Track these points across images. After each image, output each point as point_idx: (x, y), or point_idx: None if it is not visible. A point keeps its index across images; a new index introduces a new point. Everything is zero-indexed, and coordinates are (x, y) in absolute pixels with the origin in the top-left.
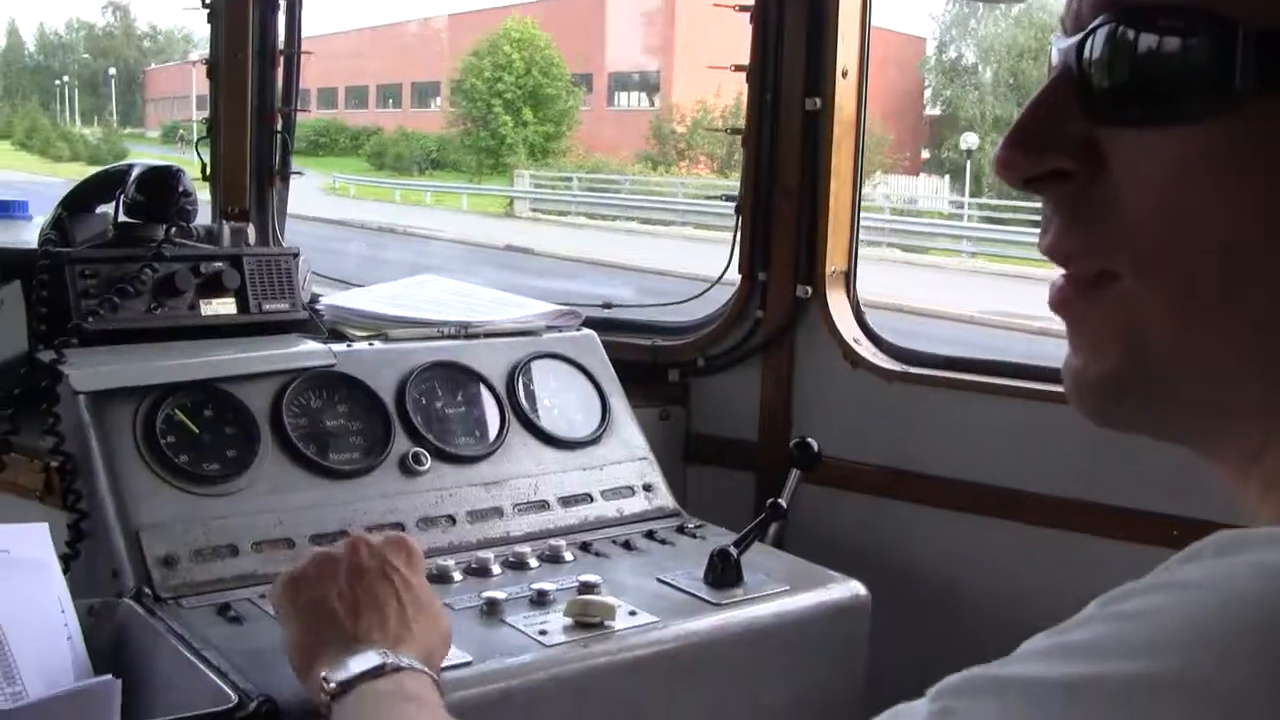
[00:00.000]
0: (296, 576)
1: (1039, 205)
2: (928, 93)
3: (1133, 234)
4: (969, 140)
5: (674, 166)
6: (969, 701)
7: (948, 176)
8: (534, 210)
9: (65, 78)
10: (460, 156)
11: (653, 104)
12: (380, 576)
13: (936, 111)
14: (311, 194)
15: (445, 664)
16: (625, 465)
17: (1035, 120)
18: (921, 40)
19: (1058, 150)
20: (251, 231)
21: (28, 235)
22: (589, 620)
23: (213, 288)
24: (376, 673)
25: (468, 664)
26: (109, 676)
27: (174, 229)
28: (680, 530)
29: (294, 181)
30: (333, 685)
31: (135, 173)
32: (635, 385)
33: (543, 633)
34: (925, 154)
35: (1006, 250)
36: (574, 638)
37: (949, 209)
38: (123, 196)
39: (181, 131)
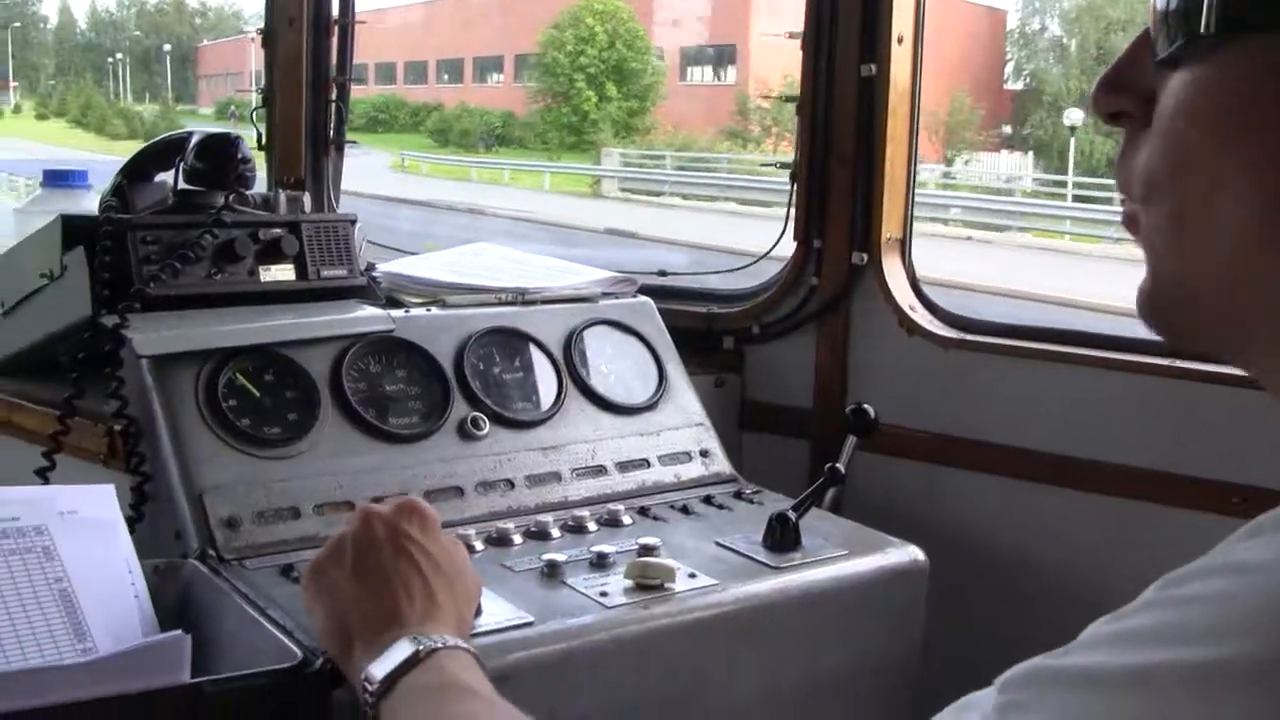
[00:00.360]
0: (315, 567)
1: None
2: (1009, 67)
3: (1142, 171)
4: (1073, 117)
5: (759, 143)
6: (1036, 693)
7: (1031, 153)
8: (624, 190)
9: (118, 55)
10: (526, 133)
11: (719, 78)
12: (396, 550)
13: (1019, 86)
14: (379, 172)
15: (507, 624)
16: (682, 431)
17: (1119, 63)
18: (1002, 13)
19: (1127, 92)
20: (307, 200)
21: (88, 204)
22: (649, 582)
23: (271, 254)
24: (413, 662)
25: (530, 624)
26: (179, 631)
27: (233, 195)
28: (737, 495)
29: (361, 159)
30: (375, 685)
31: (194, 140)
32: (690, 353)
33: (603, 594)
34: (1007, 129)
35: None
36: (635, 599)
37: (1033, 186)
38: (182, 164)
39: (234, 108)
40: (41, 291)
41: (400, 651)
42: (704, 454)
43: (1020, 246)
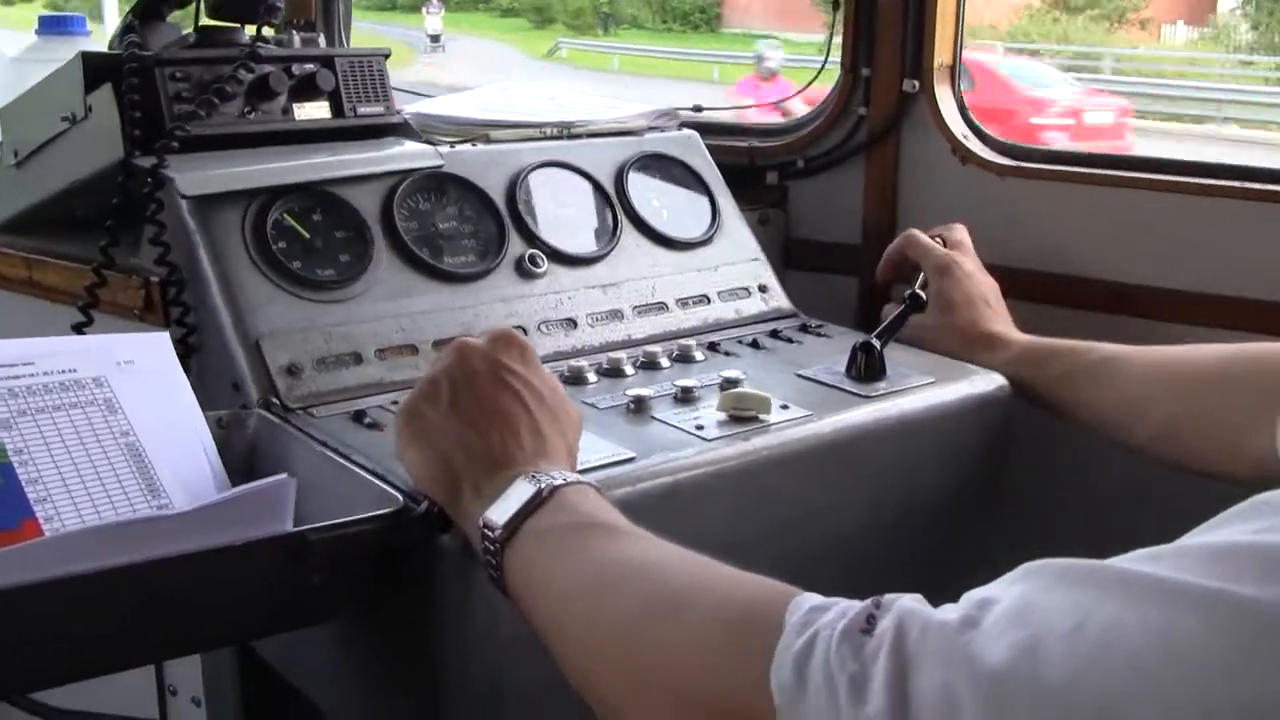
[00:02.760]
0: (409, 409)
1: None
2: None
3: None
4: None
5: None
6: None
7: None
8: None
9: None
10: (640, 10)
11: None
12: (497, 383)
13: None
14: (515, 66)
15: (608, 460)
16: (739, 266)
17: None
18: None
19: None
20: (321, 40)
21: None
22: (743, 414)
23: (305, 91)
24: (536, 502)
25: (631, 459)
26: (284, 476)
27: (265, 27)
28: (803, 329)
29: (494, 54)
30: (498, 531)
31: None
32: (732, 189)
33: (699, 427)
34: None
35: None
36: (732, 431)
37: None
38: None
39: None
40: (62, 137)
41: (520, 492)
42: (762, 289)
43: (1231, 140)
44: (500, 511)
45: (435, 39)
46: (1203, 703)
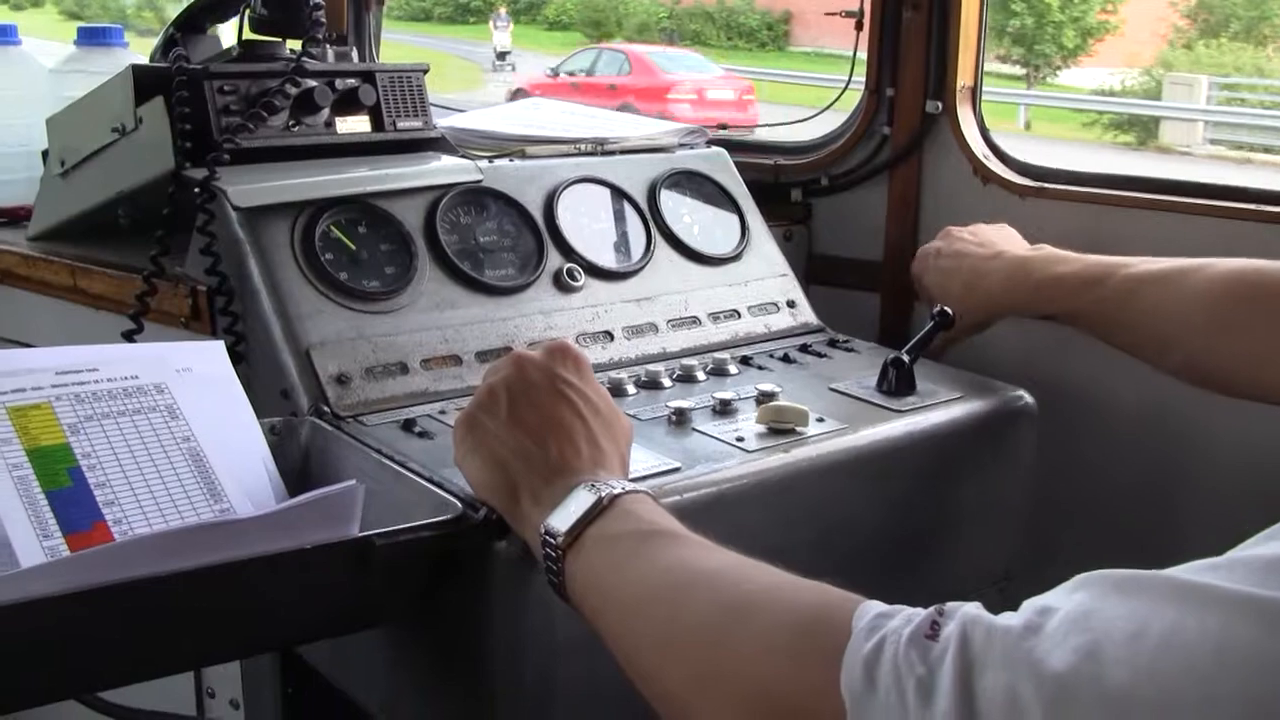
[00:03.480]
0: (467, 418)
1: None
2: None
3: None
4: None
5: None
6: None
7: None
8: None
9: None
10: (704, 27)
11: None
12: (554, 394)
13: None
14: None
15: (655, 470)
16: (768, 281)
17: None
18: None
19: None
20: (354, 54)
21: (125, 64)
22: (782, 426)
23: (347, 105)
24: (596, 509)
25: (677, 470)
26: (353, 482)
27: (309, 42)
28: (832, 344)
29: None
30: (560, 538)
31: None
32: (757, 205)
33: (740, 439)
34: None
35: None
36: (772, 443)
37: None
38: (248, 11)
39: None
40: (111, 147)
41: (580, 500)
42: (790, 304)
43: None
44: (562, 519)
45: (503, 56)
46: (1258, 706)
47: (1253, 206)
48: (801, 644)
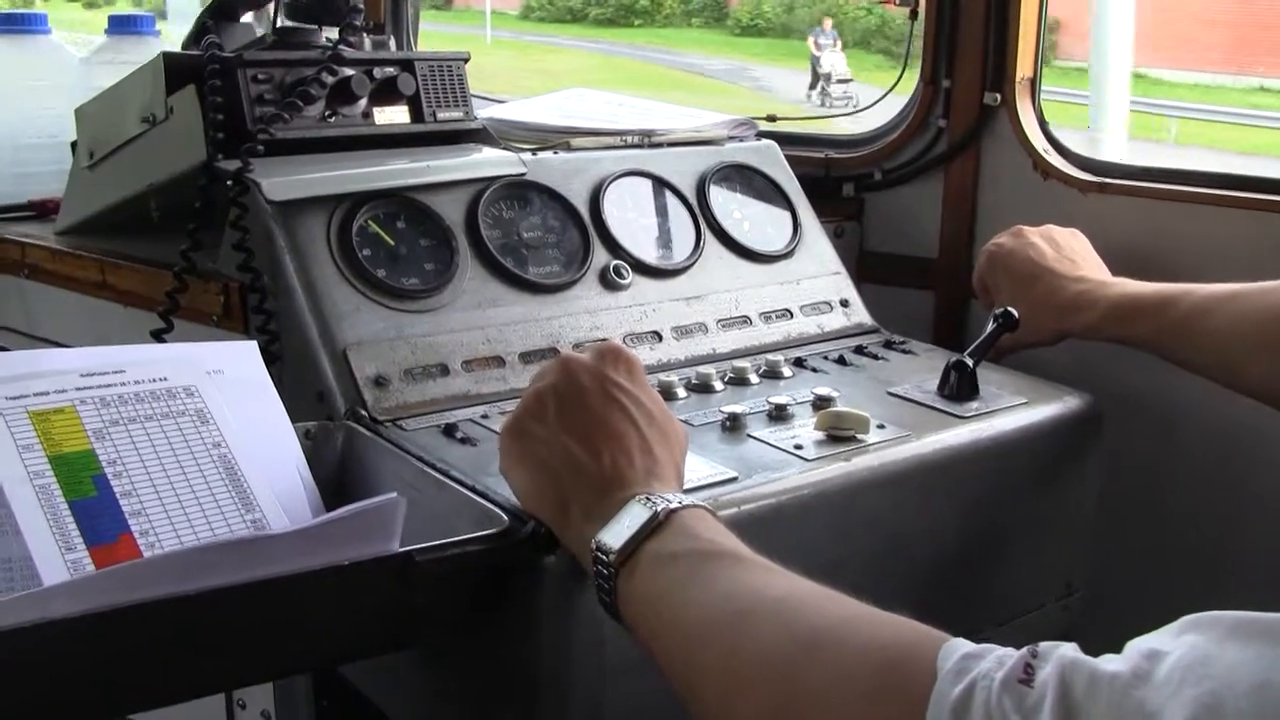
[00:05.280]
0: (514, 425)
1: None
2: None
3: None
4: None
5: None
6: None
7: None
8: None
9: None
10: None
11: None
12: (606, 399)
13: None
14: None
15: (711, 480)
16: (820, 280)
17: None
18: None
19: None
20: (391, 43)
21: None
22: (842, 433)
23: (385, 95)
24: (651, 524)
25: (734, 479)
26: (394, 495)
27: (347, 29)
28: (888, 345)
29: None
30: (613, 555)
31: None
32: (808, 200)
33: (798, 447)
34: None
35: None
36: (832, 451)
37: None
38: None
39: None
40: (142, 138)
41: (635, 515)
42: (844, 304)
43: None
44: (615, 535)
45: (837, 82)
46: None
47: None
48: (881, 684)
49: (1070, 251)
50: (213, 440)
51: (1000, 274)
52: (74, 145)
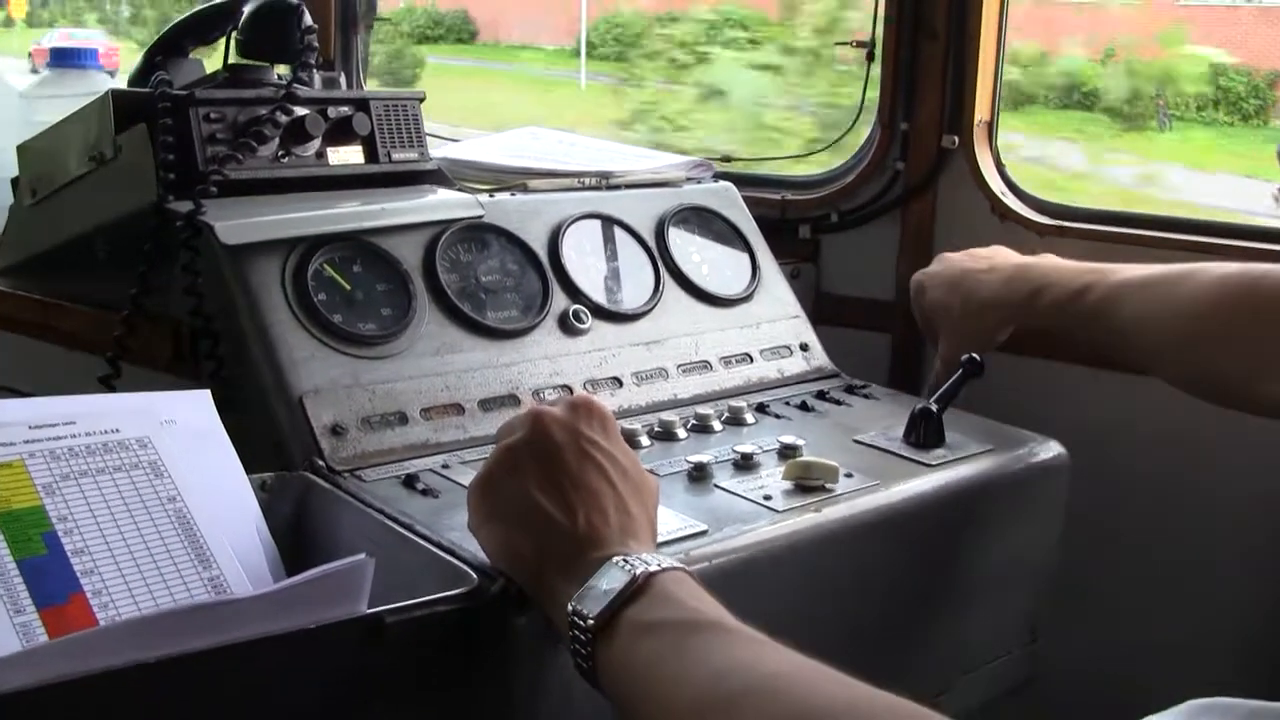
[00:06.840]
0: (484, 481)
1: None
2: None
3: None
4: None
5: None
6: None
7: None
8: None
9: None
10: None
11: None
12: (580, 456)
13: None
14: None
15: (681, 533)
16: (780, 324)
17: None
18: None
19: None
20: (342, 80)
21: (100, 87)
22: (810, 483)
23: (339, 135)
24: (630, 589)
25: (704, 533)
26: (363, 556)
27: (299, 68)
28: (849, 391)
29: None
30: (591, 622)
31: (250, 7)
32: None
33: (767, 497)
34: None
35: None
36: (802, 501)
37: None
38: (234, 34)
39: None
40: (89, 176)
41: (612, 579)
42: (804, 347)
43: None
44: (592, 601)
45: None
46: None
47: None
48: None
49: (985, 254)
50: (167, 494)
51: (929, 292)
52: (14, 182)
